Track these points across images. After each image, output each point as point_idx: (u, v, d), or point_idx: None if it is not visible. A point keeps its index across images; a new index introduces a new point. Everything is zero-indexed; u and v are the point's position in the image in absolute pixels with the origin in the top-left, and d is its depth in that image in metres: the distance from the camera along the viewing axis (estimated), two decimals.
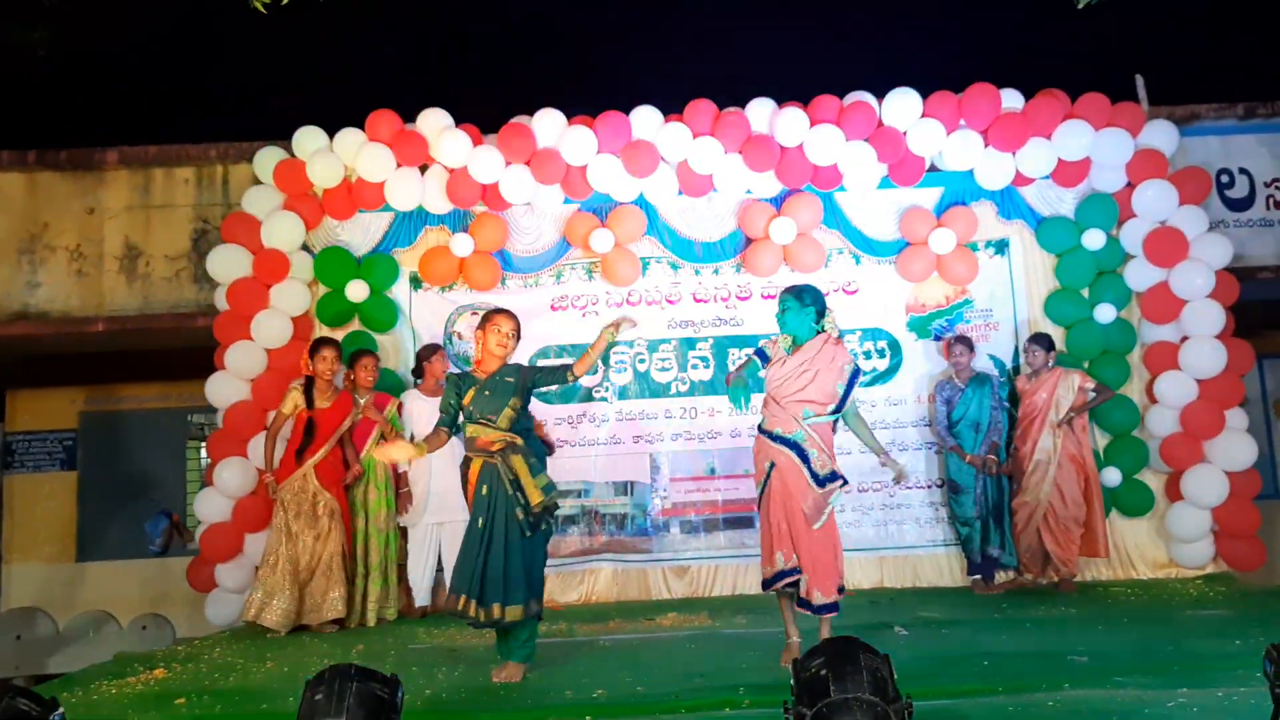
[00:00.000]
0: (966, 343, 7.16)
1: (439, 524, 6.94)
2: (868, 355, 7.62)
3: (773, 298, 7.62)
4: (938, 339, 7.56)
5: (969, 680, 4.13)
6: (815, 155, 7.28)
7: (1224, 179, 7.93)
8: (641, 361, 7.64)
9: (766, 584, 4.87)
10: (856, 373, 4.92)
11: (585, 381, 7.60)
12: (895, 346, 7.63)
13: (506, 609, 4.66)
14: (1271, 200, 7.97)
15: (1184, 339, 7.24)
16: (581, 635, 5.99)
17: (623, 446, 7.55)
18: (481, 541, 4.70)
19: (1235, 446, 7.13)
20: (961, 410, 7.00)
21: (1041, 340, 7.09)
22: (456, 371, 5.08)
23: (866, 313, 7.65)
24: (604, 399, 7.61)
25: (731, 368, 5.52)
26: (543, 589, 4.93)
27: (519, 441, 4.80)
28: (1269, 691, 2.39)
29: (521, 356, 7.30)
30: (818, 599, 4.71)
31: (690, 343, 7.64)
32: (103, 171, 8.13)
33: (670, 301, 7.70)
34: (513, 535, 4.72)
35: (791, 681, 2.45)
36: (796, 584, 4.77)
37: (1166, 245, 7.21)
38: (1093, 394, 6.98)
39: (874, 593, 7.18)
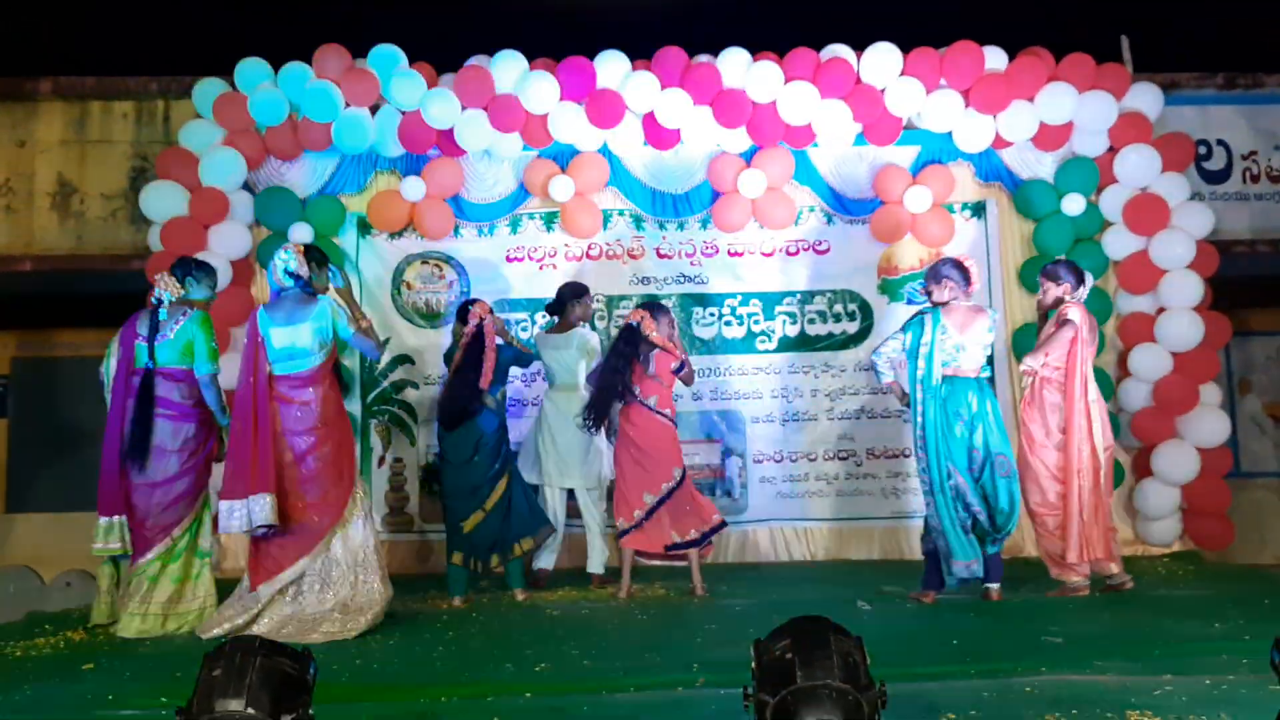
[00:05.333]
0: (962, 271, 5.60)
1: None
2: (837, 318, 7.35)
3: (739, 255, 7.40)
4: (910, 303, 7.26)
5: (939, 661, 3.88)
6: (788, 113, 6.94)
7: (1201, 150, 7.71)
8: (601, 319, 7.31)
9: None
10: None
11: None
12: (866, 309, 7.34)
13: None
14: (1248, 173, 7.79)
15: (1160, 310, 7.03)
16: (528, 604, 5.69)
17: None
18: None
19: (1208, 422, 6.95)
20: None
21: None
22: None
23: (837, 273, 7.36)
24: None
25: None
26: None
27: None
28: None
29: None
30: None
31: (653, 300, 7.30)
32: (35, 103, 7.69)
33: (633, 256, 7.38)
34: None
35: (752, 664, 2.18)
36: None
37: (1147, 213, 6.97)
38: None
39: (833, 565, 6.96)
